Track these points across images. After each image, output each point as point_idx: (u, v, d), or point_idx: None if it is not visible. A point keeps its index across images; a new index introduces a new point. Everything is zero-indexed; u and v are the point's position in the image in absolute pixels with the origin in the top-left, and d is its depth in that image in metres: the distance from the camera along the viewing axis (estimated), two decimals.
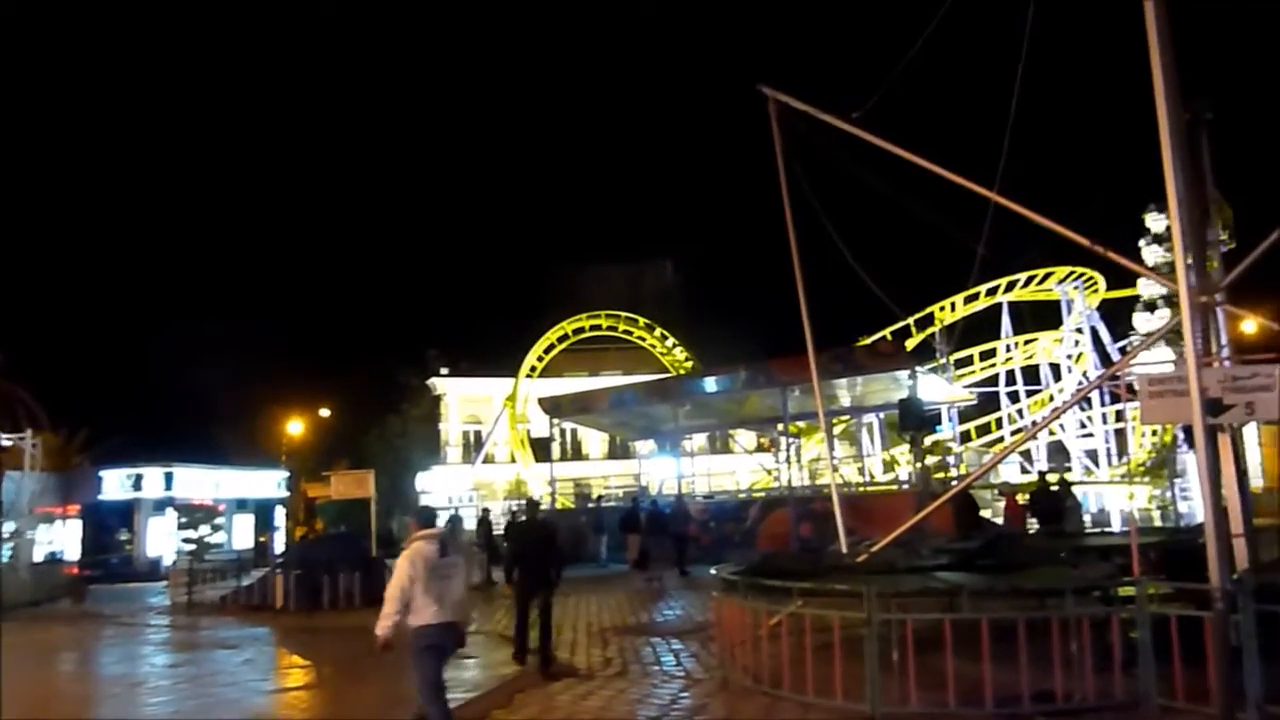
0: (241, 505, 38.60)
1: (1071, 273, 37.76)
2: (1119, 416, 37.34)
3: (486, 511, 26.26)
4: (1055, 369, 40.73)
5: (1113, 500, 33.68)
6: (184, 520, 34.11)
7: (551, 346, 46.81)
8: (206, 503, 36.09)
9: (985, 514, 21.71)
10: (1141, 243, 34.06)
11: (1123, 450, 37.34)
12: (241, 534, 37.65)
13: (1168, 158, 8.02)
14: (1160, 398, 8.00)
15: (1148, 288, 34.18)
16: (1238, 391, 7.69)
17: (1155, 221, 33.05)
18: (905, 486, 28.43)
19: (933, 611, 8.54)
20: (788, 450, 30.48)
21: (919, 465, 25.70)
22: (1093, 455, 38.39)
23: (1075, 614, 7.52)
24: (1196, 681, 6.88)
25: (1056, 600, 7.95)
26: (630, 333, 48.31)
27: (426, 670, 6.78)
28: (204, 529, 34.23)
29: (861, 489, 29.80)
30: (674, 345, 47.99)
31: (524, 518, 12.62)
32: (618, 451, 50.24)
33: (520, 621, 11.21)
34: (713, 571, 10.61)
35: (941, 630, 7.61)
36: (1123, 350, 35.97)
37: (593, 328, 47.53)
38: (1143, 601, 7.28)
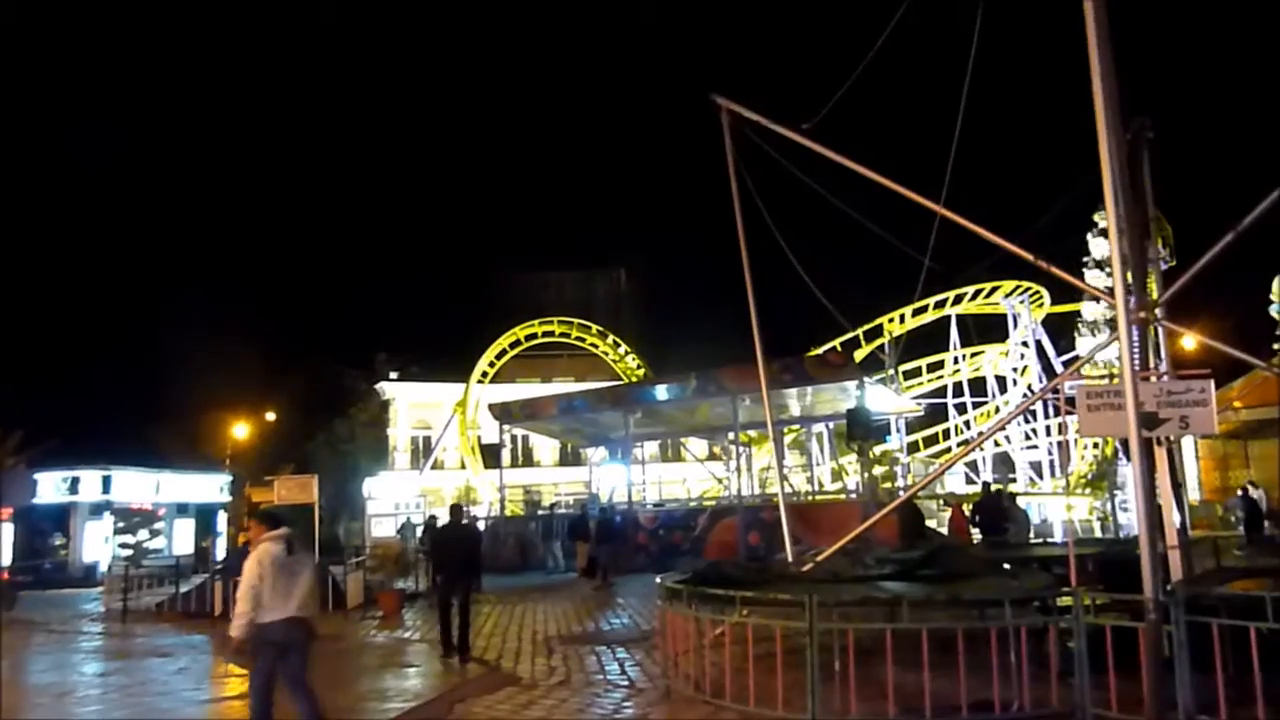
0: (182, 509, 37.72)
1: (1018, 287, 38.41)
2: (1061, 429, 38.02)
3: (433, 518, 25.97)
4: (1001, 381, 41.42)
5: (1056, 511, 34.25)
6: (121, 525, 33.29)
7: (503, 352, 46.46)
8: (146, 507, 35.24)
9: (931, 524, 21.99)
10: (1089, 235, 34.78)
11: (1066, 462, 38.05)
12: (182, 539, 36.78)
13: (1107, 177, 8.13)
14: (1098, 411, 8.12)
15: (1095, 280, 34.82)
16: (1173, 406, 7.84)
17: (1105, 219, 33.69)
18: (853, 496, 28.68)
19: (874, 621, 8.58)
20: (738, 459, 30.56)
21: (866, 475, 25.98)
22: (1037, 467, 39.06)
23: (1013, 624, 7.58)
24: (1130, 691, 6.97)
25: (996, 610, 8.01)
26: (583, 339, 48.14)
27: (263, 665, 7.23)
28: (142, 534, 33.44)
29: (810, 498, 29.98)
30: (626, 352, 47.88)
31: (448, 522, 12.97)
32: (569, 458, 50.04)
33: (443, 621, 12.02)
34: (658, 579, 10.57)
35: (883, 640, 7.64)
36: (1066, 363, 36.65)
37: (545, 334, 47.27)
38: (1079, 612, 7.36)
